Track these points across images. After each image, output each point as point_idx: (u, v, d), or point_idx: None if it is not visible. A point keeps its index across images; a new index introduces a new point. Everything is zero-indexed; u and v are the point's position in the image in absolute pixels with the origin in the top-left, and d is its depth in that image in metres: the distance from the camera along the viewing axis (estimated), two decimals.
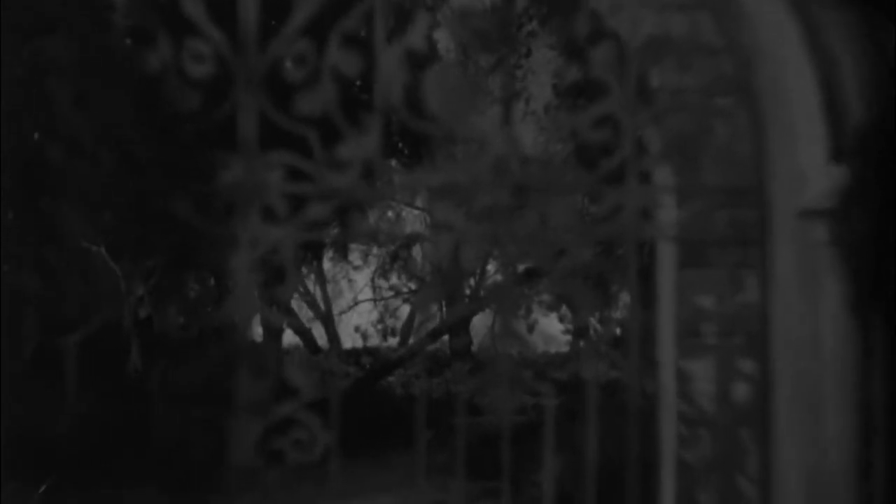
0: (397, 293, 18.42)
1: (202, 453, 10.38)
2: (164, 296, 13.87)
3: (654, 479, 4.41)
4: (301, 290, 23.93)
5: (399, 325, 25.50)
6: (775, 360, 3.89)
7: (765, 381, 3.93)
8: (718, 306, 4.11)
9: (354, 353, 20.90)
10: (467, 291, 19.23)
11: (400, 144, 13.40)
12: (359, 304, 18.28)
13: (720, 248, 3.93)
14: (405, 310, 25.57)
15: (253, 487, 3.58)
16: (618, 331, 30.39)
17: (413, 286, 21.60)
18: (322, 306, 24.18)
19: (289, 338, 21.62)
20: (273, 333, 15.30)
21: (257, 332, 18.21)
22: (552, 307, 29.61)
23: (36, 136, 12.12)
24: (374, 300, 19.10)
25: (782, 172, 3.59)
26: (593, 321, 31.00)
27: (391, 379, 17.75)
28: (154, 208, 12.30)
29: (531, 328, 29.38)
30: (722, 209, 3.78)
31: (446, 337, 19.35)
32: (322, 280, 24.69)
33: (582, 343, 30.40)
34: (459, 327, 18.82)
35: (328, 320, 23.63)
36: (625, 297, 30.14)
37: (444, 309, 17.12)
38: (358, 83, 8.78)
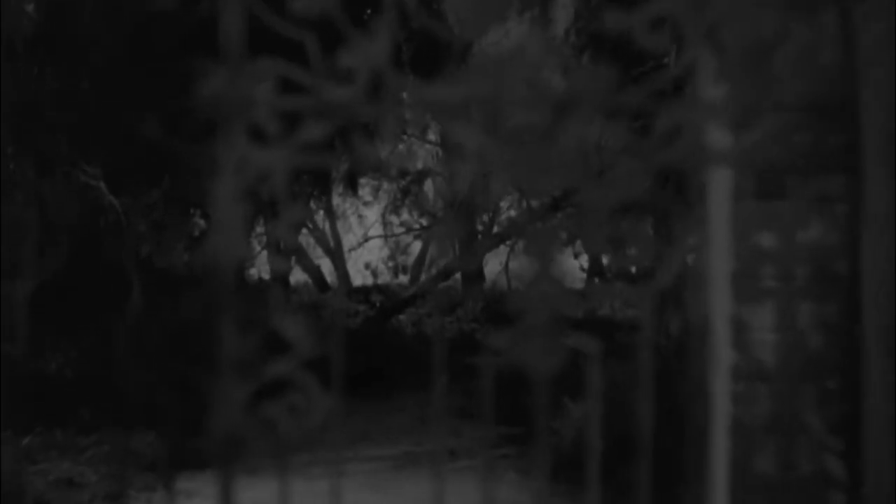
0: (408, 230, 17.86)
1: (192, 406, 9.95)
2: (166, 232, 13.37)
3: (703, 439, 3.86)
4: (310, 225, 23.46)
5: (410, 262, 25.04)
6: (865, 305, 3.33)
7: (850, 329, 3.37)
8: (783, 244, 3.54)
9: (364, 291, 20.45)
10: (480, 227, 18.72)
11: (413, 56, 12.18)
12: (369, 241, 17.74)
13: (794, 176, 3.35)
14: (416, 246, 25.11)
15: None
16: (633, 269, 30.02)
17: (425, 222, 21.08)
18: (331, 242, 23.70)
19: (296, 275, 21.19)
20: (279, 272, 14.80)
21: (264, 270, 17.79)
22: (566, 243, 29.18)
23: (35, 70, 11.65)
24: (385, 237, 18.57)
25: (878, 86, 3.00)
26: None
27: (402, 317, 17.30)
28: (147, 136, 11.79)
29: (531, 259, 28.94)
30: (799, 131, 3.20)
31: (458, 275, 18.87)
32: (331, 215, 24.17)
33: (597, 280, 30.06)
34: (472, 264, 18.32)
35: (337, 257, 23.16)
36: (645, 232, 29.59)
37: (457, 246, 16.60)
38: None
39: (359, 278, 23.61)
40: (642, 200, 4.05)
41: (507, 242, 15.85)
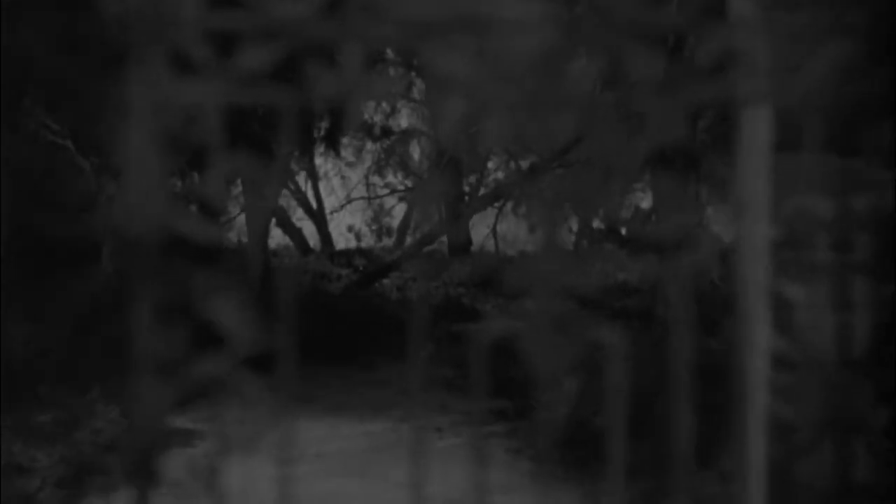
0: (393, 191, 17.20)
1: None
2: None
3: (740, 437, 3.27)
4: (291, 187, 22.79)
5: (395, 224, 24.39)
6: None
7: None
8: (837, 208, 2.91)
9: (347, 255, 19.83)
10: (466, 189, 18.10)
11: None
12: (352, 202, 17.11)
13: (853, 124, 2.73)
14: (401, 209, 24.45)
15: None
16: (623, 230, 29.47)
17: (410, 184, 20.43)
18: (314, 204, 23.03)
19: (277, 238, 20.55)
20: (257, 234, 14.15)
21: (243, 232, 17.13)
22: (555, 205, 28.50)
23: None
24: (369, 198, 17.91)
25: None
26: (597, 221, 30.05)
27: (386, 282, 16.69)
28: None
29: (532, 228, 28.42)
30: (867, 64, 2.58)
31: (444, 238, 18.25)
32: (313, 176, 23.47)
33: (585, 242, 29.54)
34: (459, 227, 17.69)
35: (320, 219, 22.50)
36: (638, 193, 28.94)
37: (443, 208, 15.99)
38: None
39: (342, 242, 22.99)
40: (672, 150, 3.42)
41: (496, 204, 15.26)
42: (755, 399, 3.28)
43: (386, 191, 18.08)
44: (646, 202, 26.99)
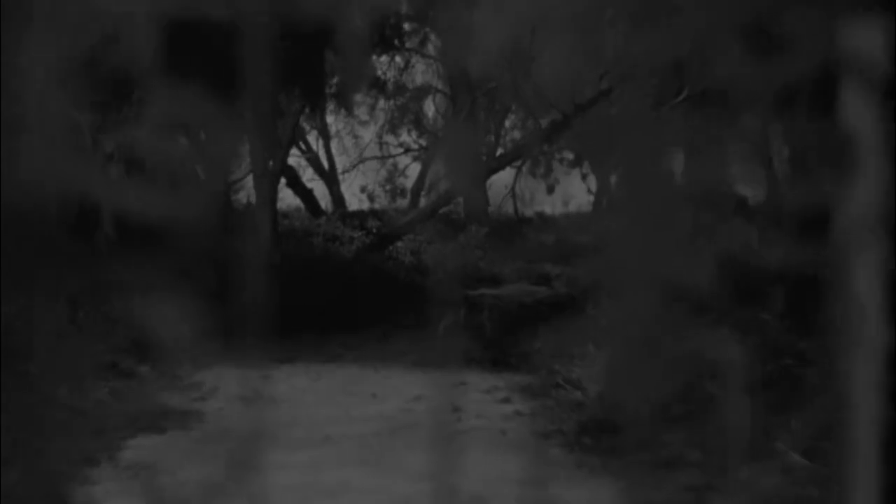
0: (407, 150, 16.48)
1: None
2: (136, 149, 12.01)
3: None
4: (303, 146, 22.09)
5: (409, 185, 23.66)
6: None
7: None
8: None
9: (360, 216, 19.13)
10: (483, 149, 17.35)
11: None
12: (365, 162, 16.42)
13: None
14: (415, 168, 23.70)
15: None
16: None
17: (424, 143, 19.67)
18: (325, 164, 22.33)
19: (289, 199, 19.88)
20: (265, 196, 13.49)
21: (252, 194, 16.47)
22: (573, 164, 27.81)
23: None
24: (382, 157, 17.18)
25: None
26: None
27: (400, 245, 16.02)
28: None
29: (552, 188, 27.59)
30: None
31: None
32: (325, 135, 22.73)
33: (604, 202, 28.74)
34: (476, 188, 16.98)
35: (332, 180, 21.81)
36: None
37: (459, 167, 15.27)
38: None
39: (354, 203, 22.31)
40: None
41: (515, 164, 14.56)
42: (866, 404, 2.63)
43: (400, 150, 17.27)
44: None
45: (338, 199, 21.52)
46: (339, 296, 10.90)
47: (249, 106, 12.77)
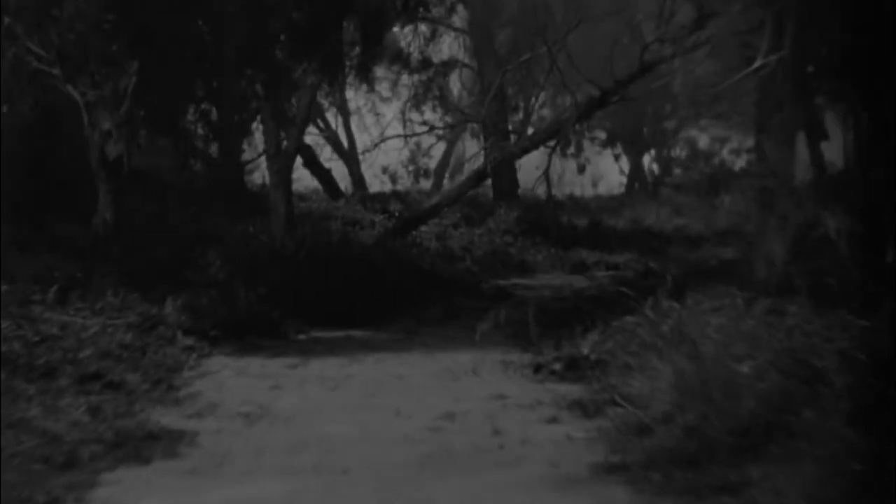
0: (431, 128, 15.31)
1: None
2: (138, 128, 11.01)
3: None
4: (321, 124, 21.06)
5: (433, 166, 22.54)
6: None
7: None
8: None
9: (381, 199, 18.08)
10: (510, 127, 16.24)
11: None
12: (386, 141, 15.27)
13: None
14: (440, 148, 22.61)
15: None
16: (677, 171, 27.49)
17: (450, 120, 18.52)
18: (345, 143, 21.28)
19: (307, 180, 18.85)
20: (280, 176, 12.42)
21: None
22: (606, 144, 26.70)
23: None
24: (405, 136, 16.01)
25: None
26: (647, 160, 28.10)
27: (424, 229, 14.96)
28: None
29: (582, 168, 26.46)
30: None
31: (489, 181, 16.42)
32: (344, 112, 21.69)
33: (636, 185, 27.54)
34: (504, 168, 15.89)
35: (351, 159, 20.78)
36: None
37: (487, 147, 14.18)
38: None
39: (376, 184, 21.27)
40: None
41: (548, 144, 13.42)
42: None
43: (424, 128, 16.10)
44: None
45: (358, 179, 20.50)
46: (359, 287, 9.84)
47: (262, 81, 11.77)
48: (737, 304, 6.99)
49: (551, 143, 13.63)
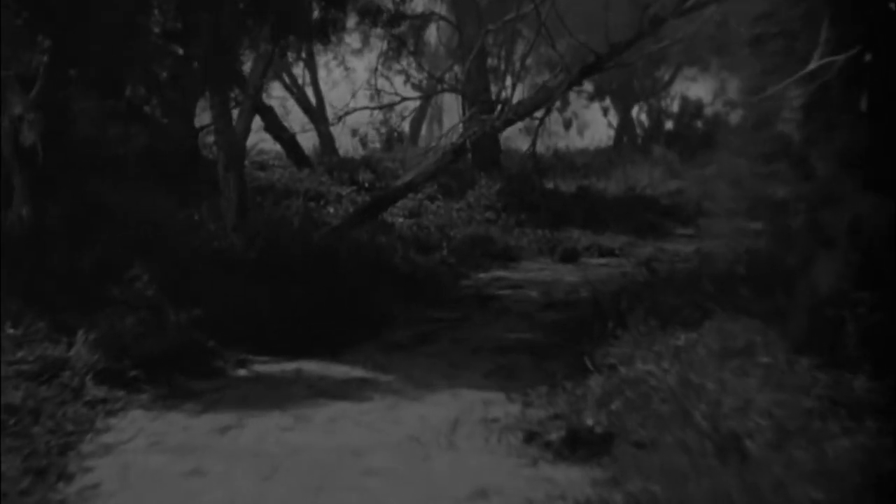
0: (403, 99, 13.65)
1: None
2: (55, 112, 9.40)
3: None
4: (287, 79, 19.37)
5: (407, 127, 20.94)
6: None
7: None
8: None
9: (350, 166, 16.45)
10: (493, 97, 14.60)
11: None
12: (354, 112, 13.53)
13: None
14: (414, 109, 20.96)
15: None
16: (668, 124, 25.91)
17: (425, 79, 16.84)
18: (313, 101, 19.61)
19: (267, 144, 17.21)
20: (231, 156, 10.78)
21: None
22: (593, 97, 25.12)
23: None
24: (373, 108, 14.25)
25: None
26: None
27: (397, 213, 13.47)
28: None
29: (569, 123, 24.92)
30: None
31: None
32: (311, 66, 19.96)
33: (625, 139, 26.02)
34: (485, 138, 14.31)
35: (319, 118, 19.08)
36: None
37: (466, 120, 12.61)
38: None
39: (347, 144, 19.58)
40: None
41: (536, 115, 11.89)
42: None
43: (395, 98, 14.34)
44: None
45: (327, 140, 18.83)
46: (317, 299, 8.37)
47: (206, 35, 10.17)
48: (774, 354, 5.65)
49: (538, 114, 12.09)
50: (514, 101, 12.06)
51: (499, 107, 12.18)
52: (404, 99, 12.31)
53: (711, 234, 9.09)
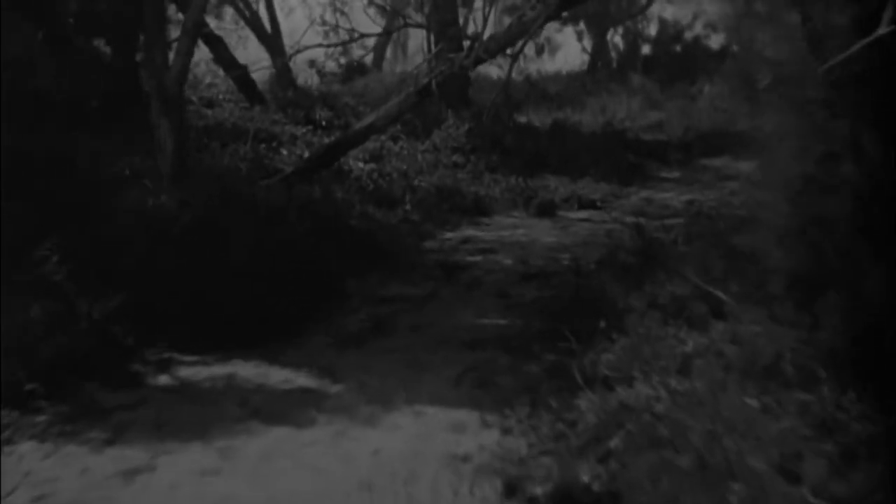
0: (361, 36, 12.11)
1: None
2: None
3: None
4: (239, 3, 17.82)
5: (370, 57, 19.43)
6: None
7: None
8: None
9: (307, 101, 15.05)
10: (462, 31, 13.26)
11: None
12: (305, 50, 12.01)
13: None
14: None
15: None
16: (645, 48, 24.56)
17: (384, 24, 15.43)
18: (268, 28, 18.07)
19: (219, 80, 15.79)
20: (166, 99, 9.41)
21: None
22: (567, 21, 23.68)
23: None
24: (327, 45, 12.78)
25: None
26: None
27: (356, 157, 12.18)
28: None
29: (541, 49, 23.51)
30: None
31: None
32: None
33: (599, 64, 24.67)
34: (456, 76, 12.99)
35: (275, 47, 17.59)
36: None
37: (432, 60, 11.28)
38: None
39: (304, 74, 18.16)
40: None
41: (509, 52, 10.62)
42: None
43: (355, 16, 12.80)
44: None
45: (283, 72, 17.37)
46: (258, 277, 7.17)
47: None
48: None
49: (513, 50, 10.81)
50: (486, 35, 10.73)
51: (468, 43, 10.86)
52: (362, 35, 10.92)
53: None
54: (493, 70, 17.08)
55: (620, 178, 12.62)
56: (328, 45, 12.21)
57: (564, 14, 21.79)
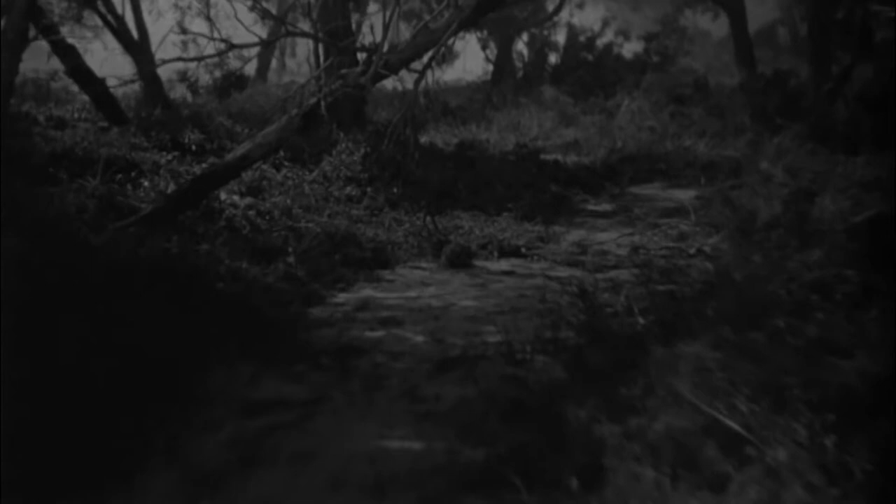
0: (232, 47, 9.97)
1: None
2: None
3: None
4: (101, 7, 15.53)
5: (251, 69, 17.34)
6: None
7: None
8: None
9: (175, 122, 12.92)
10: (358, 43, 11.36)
11: None
12: (165, 64, 10.02)
13: None
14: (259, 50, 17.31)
15: None
16: (553, 56, 22.97)
17: (263, 34, 13.38)
18: (135, 34, 15.83)
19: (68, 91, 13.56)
20: None
21: None
22: (470, 28, 21.95)
23: None
24: (188, 59, 10.65)
25: None
26: None
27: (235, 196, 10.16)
28: None
29: (442, 58, 21.73)
30: None
31: None
32: None
33: (505, 73, 23.10)
34: (350, 95, 11.04)
35: (142, 57, 15.34)
36: None
37: (321, 77, 9.32)
38: None
39: (178, 88, 15.99)
40: None
41: (412, 68, 8.81)
42: None
43: (220, 46, 10.74)
44: None
45: (151, 84, 15.18)
46: (88, 371, 5.21)
47: None
48: None
49: (419, 65, 8.97)
50: (386, 48, 8.83)
51: (365, 55, 8.98)
52: (233, 46, 8.92)
53: None
54: (388, 81, 15.24)
55: (543, 213, 10.84)
56: (187, 60, 10.07)
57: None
